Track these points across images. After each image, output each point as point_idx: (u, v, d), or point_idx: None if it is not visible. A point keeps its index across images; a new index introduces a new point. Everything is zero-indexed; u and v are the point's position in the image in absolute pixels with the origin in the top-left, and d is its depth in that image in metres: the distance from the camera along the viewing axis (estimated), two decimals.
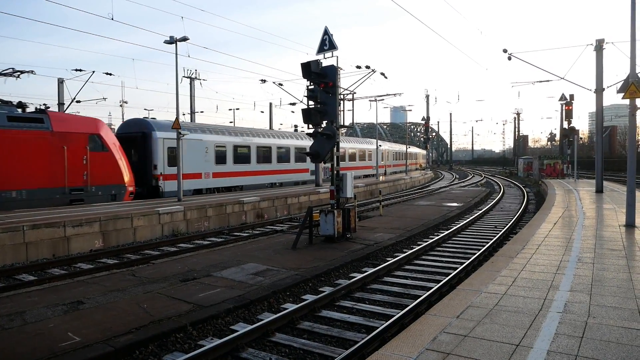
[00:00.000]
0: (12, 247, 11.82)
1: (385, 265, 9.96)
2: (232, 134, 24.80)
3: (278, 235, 14.23)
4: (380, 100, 37.51)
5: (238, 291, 8.01)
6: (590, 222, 12.84)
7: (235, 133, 25.16)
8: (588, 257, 8.52)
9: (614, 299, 6.04)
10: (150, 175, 20.54)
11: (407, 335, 4.94)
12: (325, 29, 12.76)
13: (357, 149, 38.62)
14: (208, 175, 22.69)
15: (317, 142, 12.37)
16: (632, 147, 12.74)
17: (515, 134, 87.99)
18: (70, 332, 6.08)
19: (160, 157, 20.46)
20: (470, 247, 12.57)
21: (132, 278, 8.93)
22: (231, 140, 24.32)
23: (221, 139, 23.61)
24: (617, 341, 4.68)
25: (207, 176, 22.66)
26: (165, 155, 20.61)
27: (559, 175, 38.65)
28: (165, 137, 20.57)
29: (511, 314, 5.56)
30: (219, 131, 24.11)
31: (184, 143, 20.16)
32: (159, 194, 20.46)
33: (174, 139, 19.43)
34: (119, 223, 14.33)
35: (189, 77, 36.44)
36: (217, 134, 23.66)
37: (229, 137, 24.41)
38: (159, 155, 20.43)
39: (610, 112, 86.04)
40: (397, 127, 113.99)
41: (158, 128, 20.77)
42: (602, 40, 21.54)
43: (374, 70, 25.43)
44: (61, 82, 29.52)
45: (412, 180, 42.11)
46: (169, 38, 18.45)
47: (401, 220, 16.74)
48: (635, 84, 11.42)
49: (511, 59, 21.75)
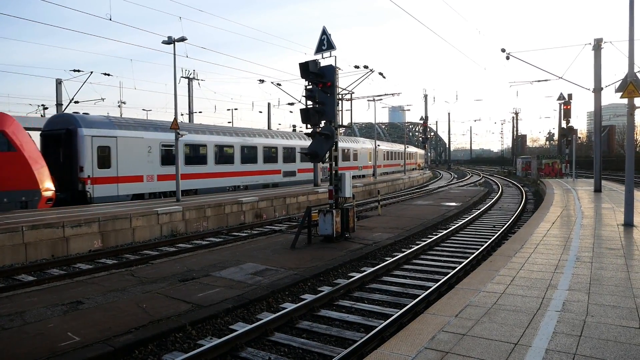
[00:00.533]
0: (11, 248, 11.81)
1: (384, 265, 9.97)
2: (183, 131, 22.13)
3: (277, 235, 14.23)
4: (379, 100, 37.61)
5: (237, 291, 8.01)
6: (588, 222, 12.86)
7: (189, 130, 22.40)
8: (586, 256, 8.54)
9: (612, 298, 6.06)
10: (76, 179, 18.11)
11: (405, 335, 4.95)
12: (323, 29, 12.77)
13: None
14: (151, 178, 20.39)
15: (316, 142, 12.37)
16: (630, 147, 12.76)
17: (513, 134, 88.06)
18: (69, 332, 6.09)
19: (87, 157, 17.97)
20: (468, 247, 12.59)
21: (131, 278, 8.93)
22: (182, 138, 21.27)
23: (169, 136, 20.56)
24: (616, 340, 4.70)
25: (151, 179, 20.37)
26: (94, 156, 18.18)
27: (558, 174, 38.71)
28: (94, 134, 18.25)
29: (509, 312, 5.58)
30: (166, 128, 21.14)
31: (120, 142, 18.80)
32: (85, 200, 18.05)
33: (106, 137, 18.17)
34: (118, 223, 14.33)
35: (187, 78, 36.48)
36: (164, 132, 21.01)
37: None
38: (86, 156, 17.94)
39: (609, 112, 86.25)
40: (396, 126, 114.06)
41: (85, 124, 18.32)
42: (601, 39, 21.57)
43: (372, 70, 25.49)
44: (59, 82, 29.53)
45: (411, 180, 42.13)
46: (167, 38, 18.45)
47: (400, 219, 16.76)
48: (634, 83, 11.44)
49: (509, 59, 21.77)
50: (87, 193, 18.05)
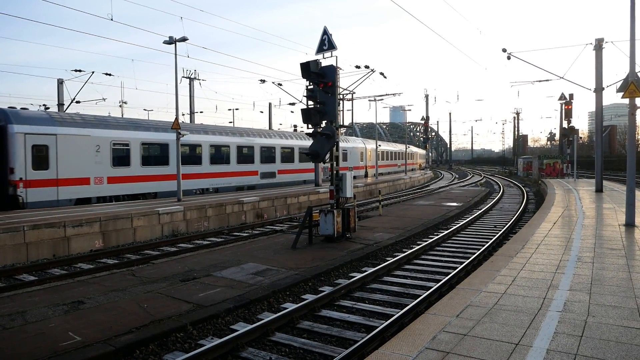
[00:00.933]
0: (12, 248, 11.83)
1: (384, 265, 9.97)
2: (138, 129, 20.26)
3: (278, 235, 14.24)
4: (380, 100, 37.59)
5: (238, 291, 8.02)
6: (589, 222, 12.85)
7: (146, 128, 20.60)
8: (588, 257, 8.53)
9: (613, 298, 6.05)
10: (6, 182, 16.09)
11: (406, 335, 4.95)
12: (324, 29, 12.78)
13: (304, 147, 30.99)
14: (100, 180, 18.35)
15: (317, 142, 12.38)
16: (631, 147, 12.75)
17: (514, 134, 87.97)
18: (70, 332, 6.09)
19: (19, 157, 15.92)
20: (469, 247, 12.59)
21: (132, 278, 8.94)
22: (137, 136, 19.77)
23: (121, 135, 19.06)
24: (617, 340, 4.69)
25: (99, 181, 18.33)
26: (27, 156, 16.16)
27: (559, 174, 38.68)
28: (28, 132, 16.20)
29: (511, 313, 5.57)
30: (119, 126, 19.57)
31: (61, 140, 16.96)
32: (17, 205, 15.93)
33: (44, 135, 16.47)
34: (119, 223, 14.35)
35: (189, 78, 36.52)
36: (116, 129, 19.20)
37: (133, 132, 19.82)
38: (17, 156, 15.88)
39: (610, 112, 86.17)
40: (397, 126, 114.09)
41: (18, 120, 16.23)
42: (602, 39, 21.54)
43: (373, 70, 25.47)
44: (61, 82, 29.56)
45: (412, 180, 42.14)
46: (169, 38, 18.47)
47: (401, 220, 16.76)
48: (635, 83, 11.43)
49: (510, 59, 21.75)
50: (19, 197, 15.98)
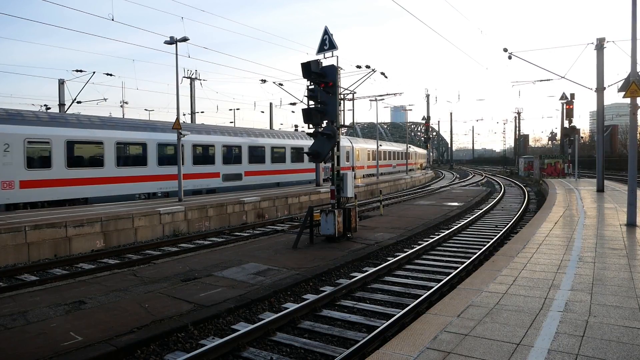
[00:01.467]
0: (14, 248, 11.85)
1: (385, 265, 9.96)
2: (64, 125, 17.55)
3: (279, 235, 14.24)
4: (381, 99, 37.51)
5: (239, 291, 8.02)
6: (591, 222, 12.83)
7: (74, 124, 17.94)
8: (589, 256, 8.52)
9: (615, 298, 6.04)
10: None
11: (407, 335, 4.95)
12: (325, 29, 12.78)
13: (287, 146, 28.50)
14: (10, 184, 15.65)
15: (318, 142, 12.38)
16: (633, 146, 12.73)
17: (515, 133, 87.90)
18: (72, 332, 6.10)
19: None
20: (470, 247, 12.57)
21: (134, 278, 8.95)
22: (62, 133, 17.10)
23: (39, 131, 16.46)
24: (618, 340, 4.69)
25: (8, 186, 15.61)
26: None
27: (560, 174, 38.63)
28: None
29: (512, 313, 5.57)
30: (37, 121, 16.86)
31: None
32: None
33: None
34: (120, 223, 14.36)
35: (189, 78, 36.53)
36: (32, 125, 16.47)
37: (57, 129, 17.08)
38: None
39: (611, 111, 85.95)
40: (398, 126, 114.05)
41: None
42: (603, 39, 21.51)
43: (374, 70, 25.43)
44: (62, 83, 29.60)
45: (413, 179, 42.14)
46: (169, 38, 18.49)
47: (402, 219, 16.75)
48: (636, 83, 11.41)
49: (511, 58, 21.76)
50: None
